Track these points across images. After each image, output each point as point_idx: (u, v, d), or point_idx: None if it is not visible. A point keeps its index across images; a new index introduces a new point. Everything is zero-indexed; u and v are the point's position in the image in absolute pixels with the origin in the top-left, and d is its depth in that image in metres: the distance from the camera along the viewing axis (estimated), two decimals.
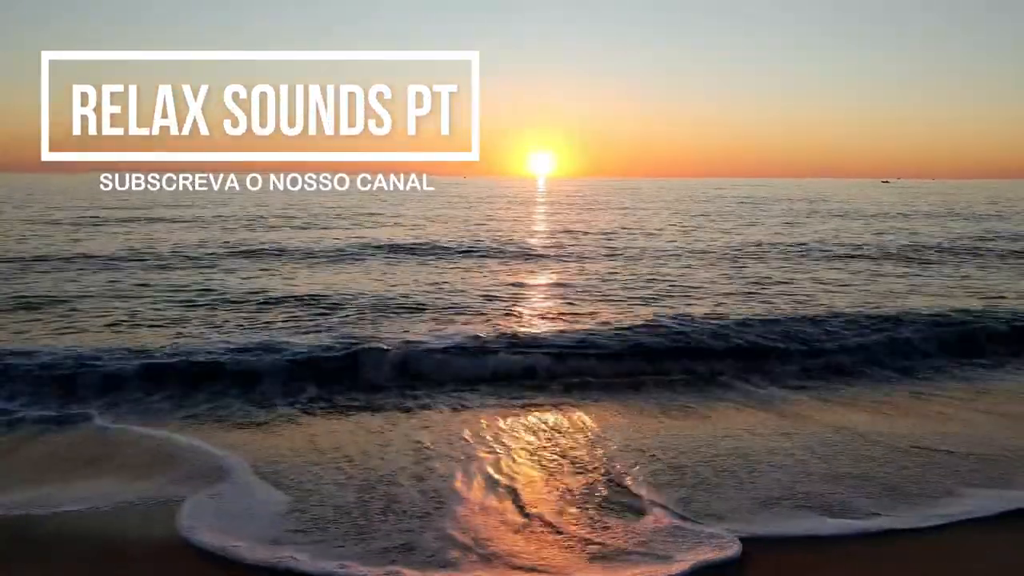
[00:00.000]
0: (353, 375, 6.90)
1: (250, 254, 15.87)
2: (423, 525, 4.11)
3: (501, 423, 5.90)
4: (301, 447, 5.38)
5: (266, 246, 17.25)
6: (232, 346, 7.66)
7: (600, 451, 5.29)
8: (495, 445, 5.37)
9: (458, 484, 4.68)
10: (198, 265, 14.08)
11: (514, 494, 4.53)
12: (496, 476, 4.79)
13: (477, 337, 7.98)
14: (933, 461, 5.09)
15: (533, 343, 7.86)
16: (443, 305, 10.28)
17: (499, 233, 22.11)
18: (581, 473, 4.87)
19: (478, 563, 3.73)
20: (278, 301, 10.38)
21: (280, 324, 8.95)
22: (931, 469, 4.95)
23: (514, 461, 5.08)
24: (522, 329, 8.73)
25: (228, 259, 15.06)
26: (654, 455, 5.19)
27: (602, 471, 4.89)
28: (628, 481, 4.71)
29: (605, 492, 4.55)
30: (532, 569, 3.67)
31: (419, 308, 10.03)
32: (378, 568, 3.67)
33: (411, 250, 17.04)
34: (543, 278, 13.36)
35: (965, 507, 4.36)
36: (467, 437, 5.55)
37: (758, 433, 5.68)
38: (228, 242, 17.99)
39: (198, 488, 4.62)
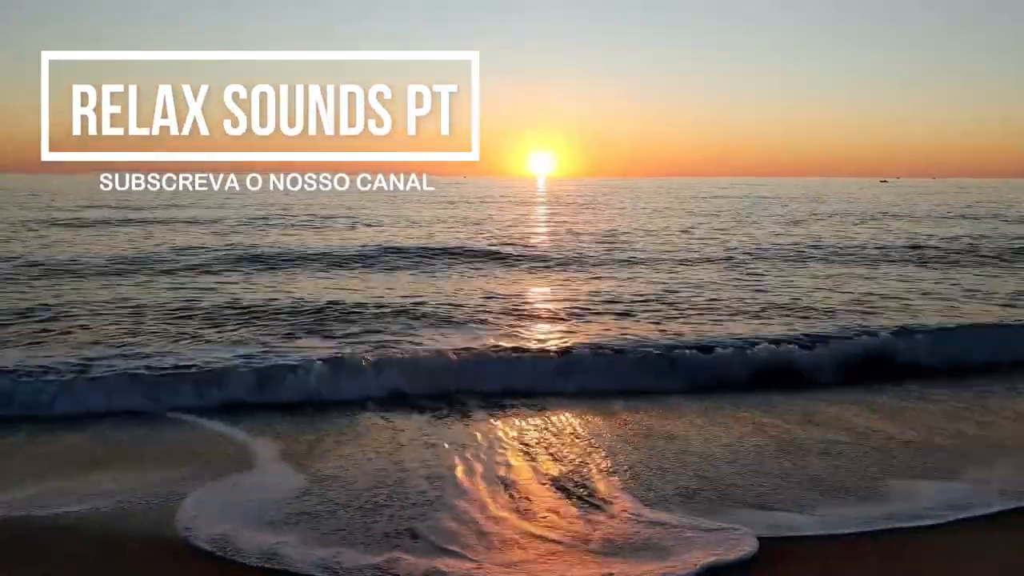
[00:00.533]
0: (379, 378, 6.80)
1: (263, 258, 15.49)
2: (424, 513, 4.22)
3: (521, 426, 5.92)
4: (327, 440, 5.52)
5: (279, 249, 16.93)
6: (251, 348, 7.68)
7: (609, 453, 5.32)
8: (510, 447, 5.39)
9: (466, 480, 4.73)
10: (207, 269, 13.93)
11: (528, 492, 4.57)
12: (507, 475, 4.83)
13: (500, 345, 7.91)
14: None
15: (558, 351, 7.67)
16: (466, 310, 10.18)
17: (516, 236, 21.77)
18: (589, 473, 4.89)
19: (480, 555, 3.77)
20: (294, 306, 10.23)
21: (302, 328, 8.85)
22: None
23: (531, 462, 5.11)
24: (551, 336, 8.65)
25: (236, 263, 14.84)
26: (656, 455, 5.23)
27: (609, 471, 4.93)
28: (634, 479, 4.75)
29: (612, 490, 4.57)
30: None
31: (441, 314, 9.89)
32: (376, 556, 3.72)
33: (434, 254, 16.57)
34: (582, 284, 13.27)
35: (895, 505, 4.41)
36: (485, 438, 5.57)
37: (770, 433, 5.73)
38: (237, 245, 17.74)
39: (219, 473, 4.83)
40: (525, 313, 10.06)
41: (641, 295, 11.33)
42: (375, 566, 3.63)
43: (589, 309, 10.22)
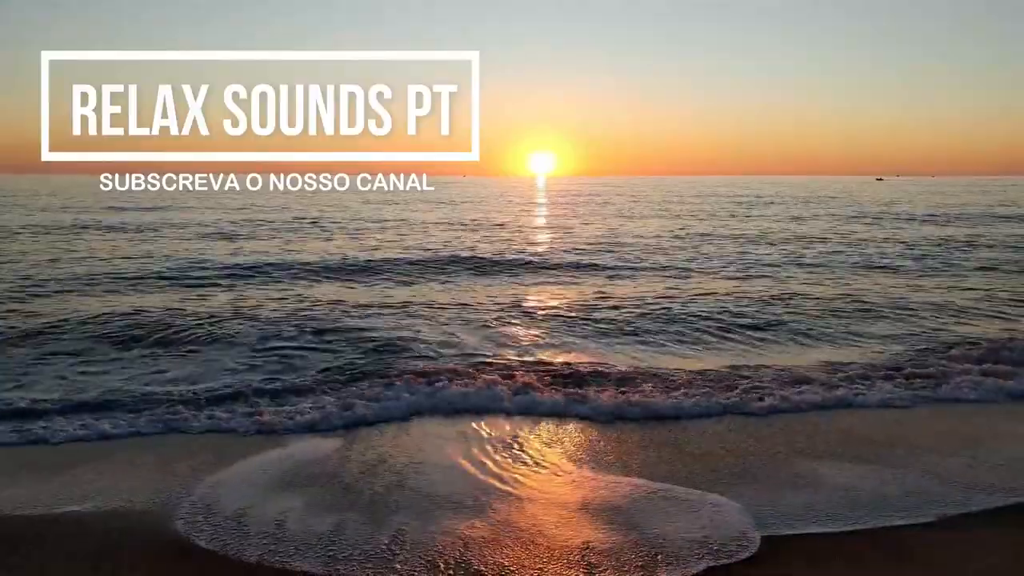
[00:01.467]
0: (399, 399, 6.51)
1: (265, 266, 15.26)
2: (426, 500, 4.26)
3: (550, 431, 5.89)
4: (350, 445, 5.51)
5: (280, 257, 16.76)
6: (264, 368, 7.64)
7: (609, 448, 5.37)
8: (530, 448, 5.41)
9: (477, 465, 4.85)
10: (209, 278, 13.80)
11: (533, 480, 4.60)
12: (516, 472, 4.86)
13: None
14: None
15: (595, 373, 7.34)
16: (503, 323, 10.06)
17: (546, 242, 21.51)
18: (587, 464, 4.93)
19: (479, 532, 3.83)
20: (306, 315, 10.17)
21: (315, 339, 8.74)
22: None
23: (536, 461, 5.14)
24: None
25: (237, 270, 14.72)
26: (652, 450, 5.26)
27: (604, 459, 4.96)
28: (634, 470, 4.78)
29: (609, 473, 4.60)
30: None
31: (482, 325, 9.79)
32: (383, 533, 3.94)
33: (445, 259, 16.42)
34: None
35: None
36: (516, 444, 5.52)
37: None
38: (239, 251, 17.70)
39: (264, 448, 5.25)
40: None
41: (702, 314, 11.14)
42: (381, 546, 3.79)
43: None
